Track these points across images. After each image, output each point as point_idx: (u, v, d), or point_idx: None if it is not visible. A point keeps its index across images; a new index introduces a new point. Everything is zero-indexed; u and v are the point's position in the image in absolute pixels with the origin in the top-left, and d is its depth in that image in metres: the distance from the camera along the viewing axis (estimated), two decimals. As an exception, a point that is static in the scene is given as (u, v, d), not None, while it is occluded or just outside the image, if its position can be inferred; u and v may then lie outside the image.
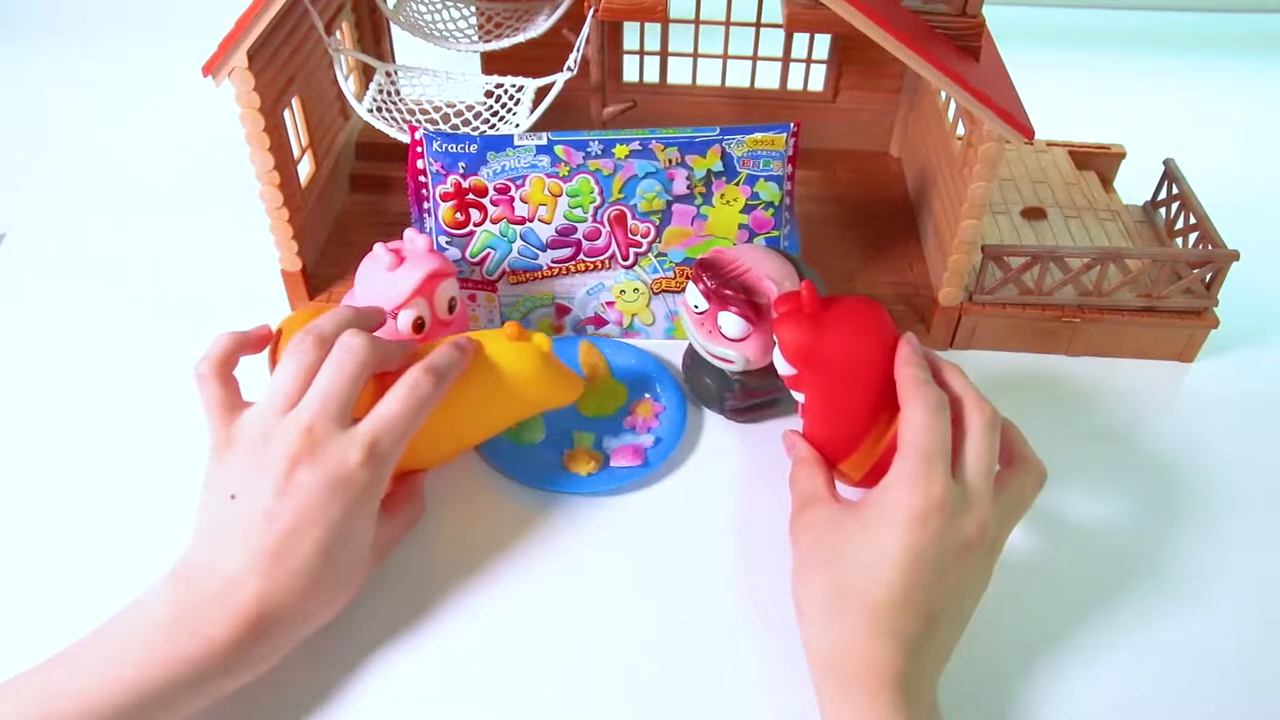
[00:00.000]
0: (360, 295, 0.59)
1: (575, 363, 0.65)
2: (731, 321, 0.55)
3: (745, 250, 0.58)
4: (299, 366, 0.47)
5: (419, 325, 0.58)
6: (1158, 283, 0.65)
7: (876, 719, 0.42)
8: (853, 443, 0.51)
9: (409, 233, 0.59)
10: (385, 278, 0.57)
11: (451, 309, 0.60)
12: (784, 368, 0.52)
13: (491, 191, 0.62)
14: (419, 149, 0.62)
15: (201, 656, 0.42)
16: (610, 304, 0.66)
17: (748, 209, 0.63)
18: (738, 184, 0.62)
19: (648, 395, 0.63)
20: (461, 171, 0.62)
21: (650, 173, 0.62)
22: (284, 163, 0.63)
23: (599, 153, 0.61)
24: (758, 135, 0.61)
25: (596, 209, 0.63)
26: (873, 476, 0.50)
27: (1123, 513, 0.58)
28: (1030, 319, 0.67)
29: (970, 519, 0.45)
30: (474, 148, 0.61)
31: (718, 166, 0.62)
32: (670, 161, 0.61)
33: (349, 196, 0.79)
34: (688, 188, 0.62)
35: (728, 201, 0.63)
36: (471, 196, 0.62)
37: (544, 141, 0.61)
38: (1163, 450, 0.62)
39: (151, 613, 0.43)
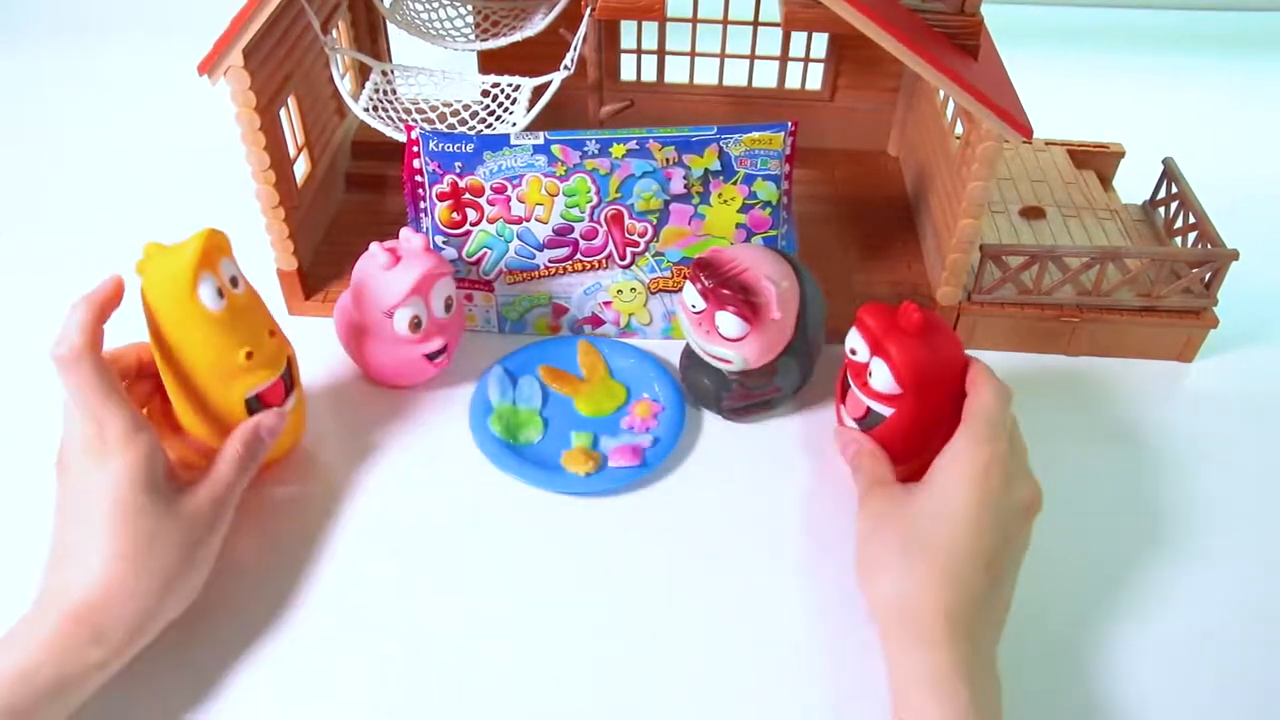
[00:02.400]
0: (356, 295, 0.58)
1: (574, 362, 0.65)
2: (729, 321, 0.55)
3: (743, 250, 0.57)
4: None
5: (415, 324, 0.58)
6: (1157, 282, 0.65)
7: (942, 667, 0.43)
8: (922, 454, 0.52)
9: (405, 232, 0.59)
10: (381, 277, 0.57)
11: (448, 308, 0.60)
12: (889, 386, 0.52)
13: (488, 191, 0.62)
14: (415, 148, 0.62)
15: (42, 662, 0.43)
16: (607, 304, 0.66)
17: (745, 208, 0.63)
18: (735, 183, 0.62)
19: (646, 395, 0.63)
20: (458, 171, 0.62)
21: (647, 172, 0.61)
22: (279, 162, 0.63)
23: (596, 152, 0.61)
24: (755, 134, 0.61)
25: (593, 208, 0.63)
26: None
27: (1121, 512, 0.58)
28: (1029, 318, 0.66)
29: (1025, 485, 0.49)
30: (470, 147, 0.61)
31: (715, 166, 0.62)
32: (667, 161, 0.61)
33: (345, 196, 0.78)
34: (685, 187, 0.62)
35: (725, 201, 0.63)
36: (468, 196, 0.62)
37: (541, 141, 0.61)
38: (1162, 450, 0.61)
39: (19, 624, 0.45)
